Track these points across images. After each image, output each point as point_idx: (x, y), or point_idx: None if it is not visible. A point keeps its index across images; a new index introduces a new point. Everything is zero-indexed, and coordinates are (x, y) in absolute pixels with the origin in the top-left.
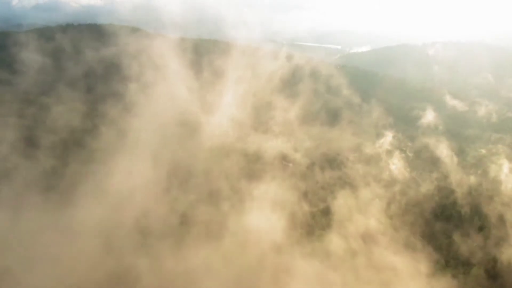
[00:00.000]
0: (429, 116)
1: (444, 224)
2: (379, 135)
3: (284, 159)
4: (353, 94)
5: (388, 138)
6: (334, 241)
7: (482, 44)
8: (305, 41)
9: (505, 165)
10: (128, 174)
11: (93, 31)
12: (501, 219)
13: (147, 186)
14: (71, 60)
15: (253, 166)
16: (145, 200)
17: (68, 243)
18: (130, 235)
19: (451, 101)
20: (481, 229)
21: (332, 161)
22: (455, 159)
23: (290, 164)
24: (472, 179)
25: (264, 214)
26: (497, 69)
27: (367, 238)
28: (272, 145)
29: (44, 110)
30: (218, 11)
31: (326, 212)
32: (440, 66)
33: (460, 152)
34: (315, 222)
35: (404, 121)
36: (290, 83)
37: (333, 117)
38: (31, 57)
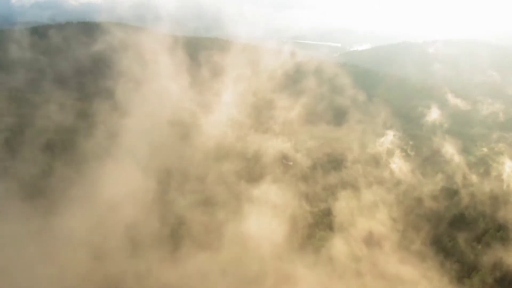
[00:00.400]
0: (432, 115)
1: (448, 226)
2: (381, 134)
3: (284, 158)
4: (354, 92)
5: (390, 137)
6: (338, 247)
7: (483, 42)
8: (305, 39)
9: (507, 164)
10: (119, 179)
11: (88, 29)
12: (507, 220)
13: (139, 192)
14: (62, 58)
15: (252, 168)
16: (137, 206)
17: (54, 253)
18: (120, 243)
19: (453, 100)
20: (486, 231)
21: (333, 162)
22: (460, 158)
23: (291, 163)
24: (477, 180)
25: (264, 219)
26: (500, 67)
27: (371, 243)
28: (272, 145)
29: (31, 108)
30: (218, 9)
31: (328, 216)
32: (441, 64)
33: (464, 152)
34: (317, 226)
35: (406, 120)
36: (290, 82)
37: (334, 116)
38: (20, 54)
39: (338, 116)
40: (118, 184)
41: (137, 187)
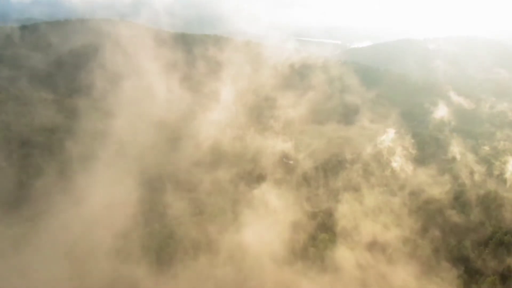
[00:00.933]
0: (435, 113)
1: (454, 229)
2: (383, 133)
3: (285, 156)
4: (354, 90)
5: (391, 135)
6: (342, 255)
7: (484, 39)
8: (305, 37)
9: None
10: (108, 185)
11: (81, 26)
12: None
13: (128, 198)
14: (51, 55)
15: (252, 170)
16: (126, 215)
17: (36, 265)
18: (107, 255)
19: (455, 98)
20: (493, 235)
21: (334, 161)
22: (467, 158)
23: (291, 161)
24: (485, 180)
25: (263, 225)
26: (503, 65)
27: (377, 250)
28: (272, 144)
29: (15, 107)
30: (218, 6)
31: (331, 220)
32: (442, 61)
33: (471, 151)
34: (319, 228)
35: (409, 117)
36: (290, 80)
37: (335, 115)
38: (5, 51)
39: (339, 114)
40: (105, 190)
41: (126, 194)
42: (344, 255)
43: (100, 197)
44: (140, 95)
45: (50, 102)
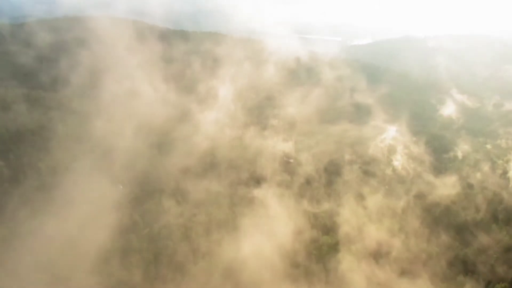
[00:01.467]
0: (443, 111)
1: (461, 233)
2: (383, 131)
3: (285, 155)
4: (354, 88)
5: (392, 133)
6: (347, 264)
7: (485, 37)
8: (305, 34)
9: None
10: (91, 193)
11: (75, 23)
12: None
13: (113, 209)
14: (42, 54)
15: (251, 174)
16: (110, 228)
17: (9, 283)
18: (90, 273)
19: (457, 96)
20: (501, 239)
21: (339, 163)
22: (475, 157)
23: (291, 160)
24: (491, 181)
25: (263, 236)
26: (505, 63)
27: (380, 257)
28: (272, 144)
29: None
30: (217, 3)
31: (333, 223)
32: (443, 59)
33: (480, 150)
34: (321, 230)
35: (412, 116)
36: (290, 78)
37: (334, 114)
38: None
39: (341, 113)
40: (89, 200)
41: (111, 203)
42: (350, 267)
43: (83, 207)
44: (136, 95)
45: (33, 101)
